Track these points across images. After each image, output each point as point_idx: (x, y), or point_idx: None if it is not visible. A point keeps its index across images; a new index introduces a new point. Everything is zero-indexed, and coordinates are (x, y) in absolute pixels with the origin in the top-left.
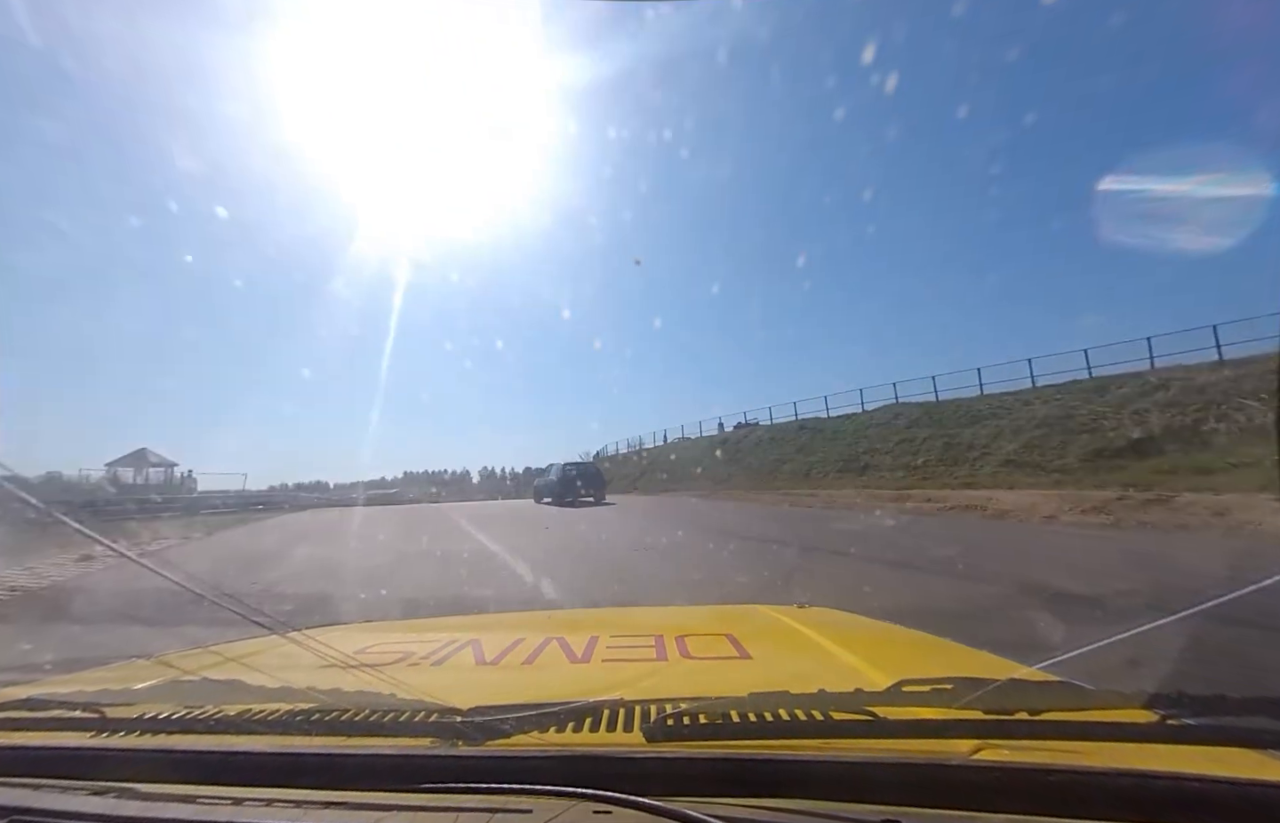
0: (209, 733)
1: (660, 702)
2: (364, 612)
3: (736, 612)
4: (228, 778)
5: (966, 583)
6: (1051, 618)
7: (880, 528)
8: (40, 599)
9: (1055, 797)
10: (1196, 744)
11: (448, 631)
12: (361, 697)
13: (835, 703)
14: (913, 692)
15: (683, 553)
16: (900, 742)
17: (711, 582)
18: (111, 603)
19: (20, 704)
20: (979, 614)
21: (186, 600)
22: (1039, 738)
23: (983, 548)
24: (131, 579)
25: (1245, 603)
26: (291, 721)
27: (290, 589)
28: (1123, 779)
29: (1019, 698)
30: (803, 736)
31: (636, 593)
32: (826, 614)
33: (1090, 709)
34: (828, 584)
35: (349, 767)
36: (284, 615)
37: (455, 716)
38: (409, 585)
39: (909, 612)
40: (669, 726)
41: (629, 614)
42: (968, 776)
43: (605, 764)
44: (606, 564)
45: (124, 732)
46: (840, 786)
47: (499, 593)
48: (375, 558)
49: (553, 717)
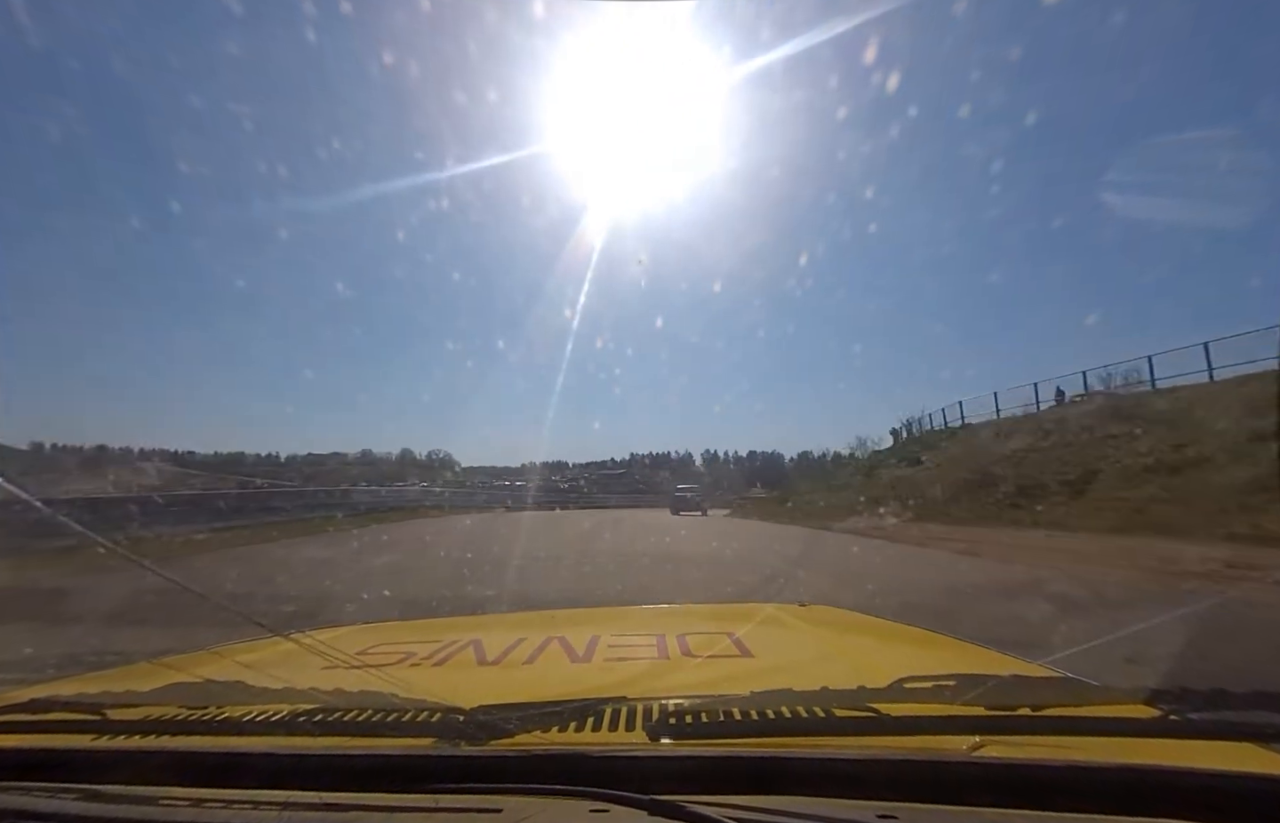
0: (211, 735)
1: (663, 700)
2: None
3: (738, 610)
4: (230, 780)
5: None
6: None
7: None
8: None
9: (1057, 792)
10: (1197, 739)
11: (449, 631)
12: (364, 697)
13: (837, 700)
14: (914, 689)
15: None
16: (902, 738)
17: None
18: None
19: (22, 706)
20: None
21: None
22: (1041, 734)
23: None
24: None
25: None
26: (294, 722)
27: None
28: (1124, 774)
29: (1020, 694)
30: (805, 733)
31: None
32: (828, 612)
33: (1092, 705)
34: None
35: (352, 768)
36: None
37: (458, 715)
38: None
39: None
40: (671, 724)
41: (630, 613)
42: (970, 772)
43: (608, 763)
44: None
45: (126, 734)
46: (843, 782)
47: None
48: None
49: (555, 716)
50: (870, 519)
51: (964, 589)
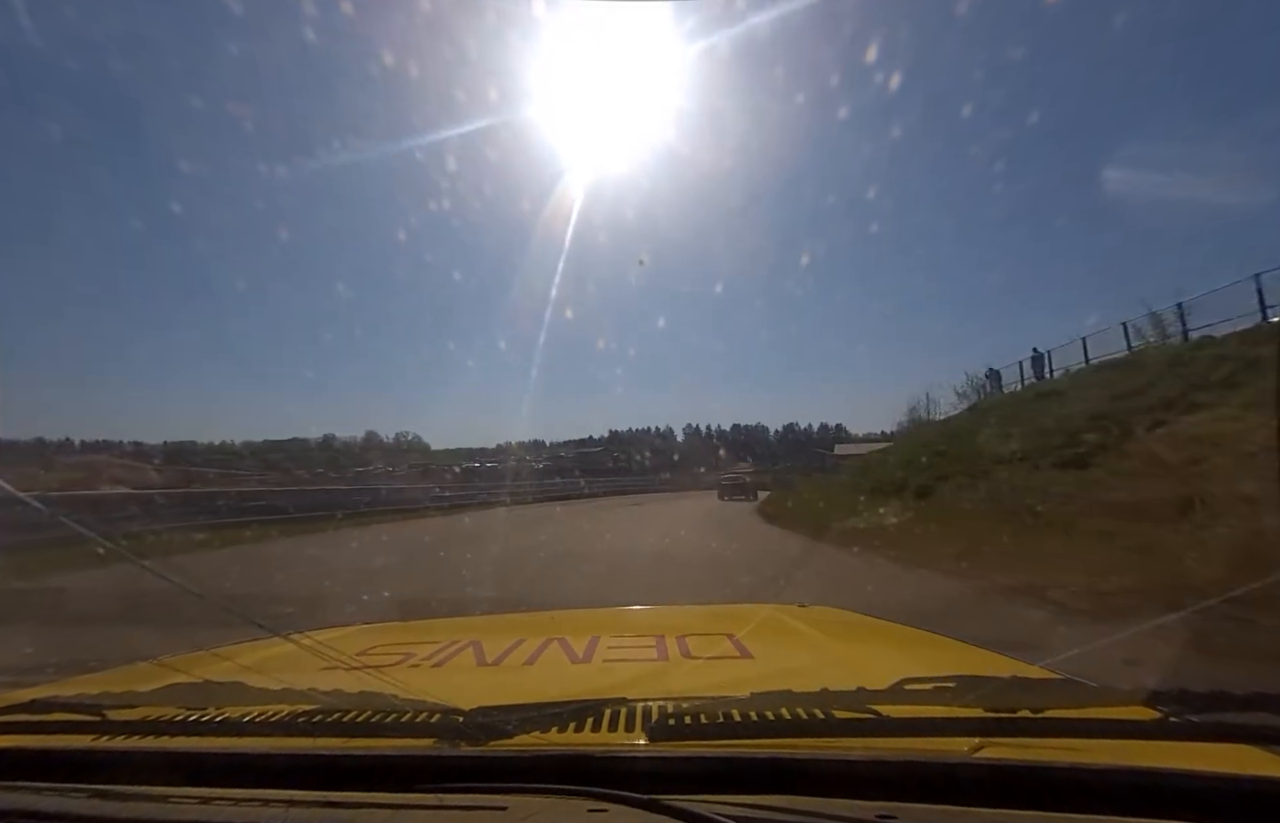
0: (211, 736)
1: (662, 701)
2: None
3: (738, 611)
4: (230, 780)
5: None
6: None
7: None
8: None
9: (1058, 794)
10: (1198, 741)
11: (449, 632)
12: (363, 698)
13: (837, 702)
14: (915, 690)
15: None
16: (902, 740)
17: None
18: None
19: (22, 707)
20: None
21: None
22: (1041, 736)
23: None
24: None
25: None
26: (294, 722)
27: None
28: (1125, 776)
29: (1021, 696)
30: (805, 734)
31: None
32: (828, 613)
33: (1092, 707)
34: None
35: (351, 768)
36: None
37: (458, 716)
38: None
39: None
40: (671, 725)
41: (630, 614)
42: (970, 773)
43: (608, 764)
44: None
45: (126, 735)
46: (842, 783)
47: None
48: None
49: (555, 717)
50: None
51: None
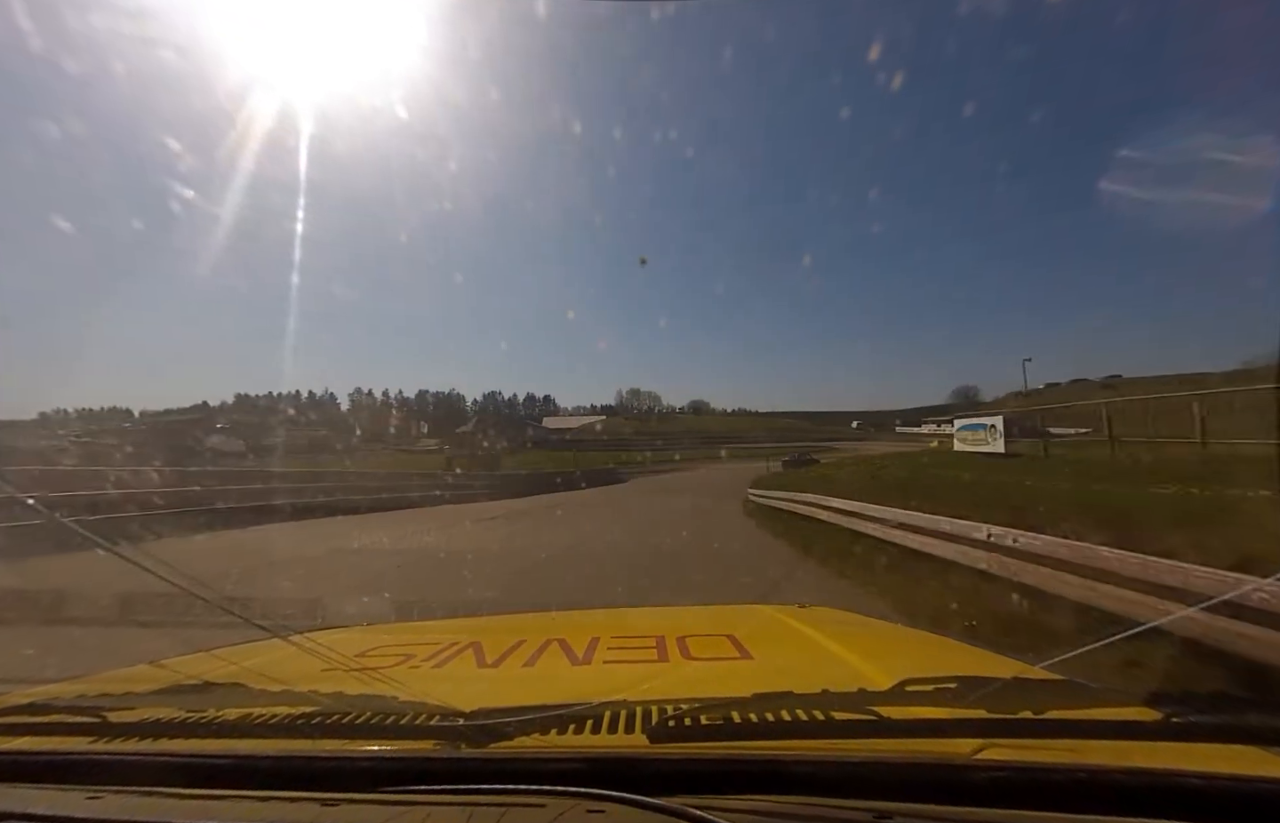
0: (211, 737)
1: (663, 703)
2: None
3: (738, 612)
4: (230, 782)
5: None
6: None
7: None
8: None
9: (1059, 795)
10: (1199, 742)
11: (448, 633)
12: (364, 700)
13: (838, 703)
14: (916, 691)
15: None
16: (904, 741)
17: None
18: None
19: (23, 709)
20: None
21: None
22: (1042, 737)
23: None
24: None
25: None
26: (294, 724)
27: None
28: (1126, 777)
29: (1022, 697)
30: (806, 736)
31: None
32: (828, 614)
33: (1093, 708)
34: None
35: (352, 770)
36: None
37: (458, 718)
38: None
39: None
40: (672, 727)
41: (630, 615)
42: (971, 774)
43: (609, 765)
44: None
45: (125, 736)
46: (844, 784)
47: None
48: None
49: (556, 719)
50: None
51: None
